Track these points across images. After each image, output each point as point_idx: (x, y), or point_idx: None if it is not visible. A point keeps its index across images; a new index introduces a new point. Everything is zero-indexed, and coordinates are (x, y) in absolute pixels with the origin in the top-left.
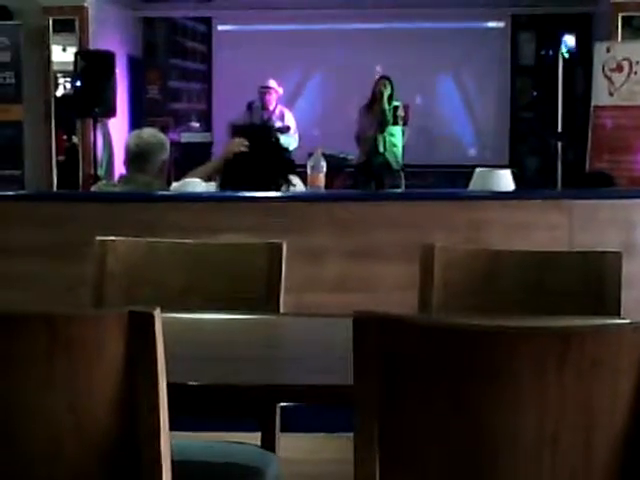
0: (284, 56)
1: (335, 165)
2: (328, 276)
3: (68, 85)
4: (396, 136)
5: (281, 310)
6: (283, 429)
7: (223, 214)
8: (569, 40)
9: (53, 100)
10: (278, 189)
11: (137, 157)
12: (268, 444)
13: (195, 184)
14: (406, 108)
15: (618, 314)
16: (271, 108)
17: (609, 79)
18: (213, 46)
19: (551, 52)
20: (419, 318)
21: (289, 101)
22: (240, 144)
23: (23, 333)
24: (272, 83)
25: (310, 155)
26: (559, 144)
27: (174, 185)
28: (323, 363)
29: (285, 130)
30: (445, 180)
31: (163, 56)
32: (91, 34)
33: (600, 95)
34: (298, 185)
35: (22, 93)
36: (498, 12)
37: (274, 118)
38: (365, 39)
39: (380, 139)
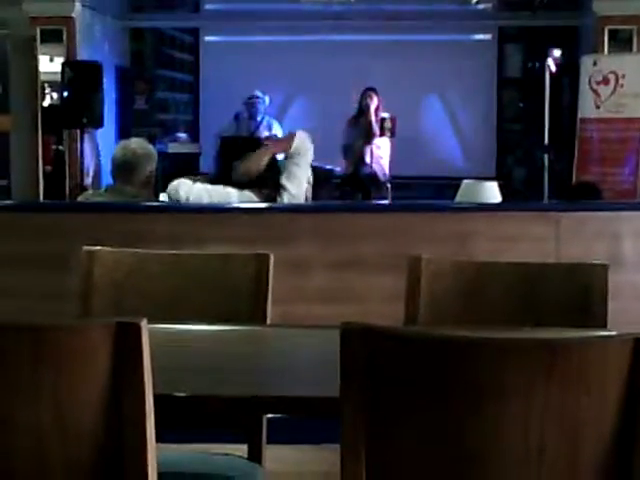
0: (271, 67)
1: (322, 176)
2: (315, 287)
3: (55, 95)
4: (383, 148)
5: (268, 321)
6: (269, 441)
7: (210, 225)
8: (556, 53)
9: (40, 110)
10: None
11: (124, 168)
12: (254, 456)
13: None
14: (393, 119)
15: (605, 326)
16: (258, 118)
17: (595, 92)
18: (200, 57)
19: (538, 64)
20: (406, 330)
21: (275, 112)
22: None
23: (9, 343)
24: (258, 93)
25: None
26: (546, 156)
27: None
28: (310, 374)
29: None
30: (432, 192)
31: (150, 67)
32: (78, 44)
33: (586, 108)
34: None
35: (9, 103)
36: (485, 25)
37: (261, 128)
38: (352, 51)
39: (367, 151)
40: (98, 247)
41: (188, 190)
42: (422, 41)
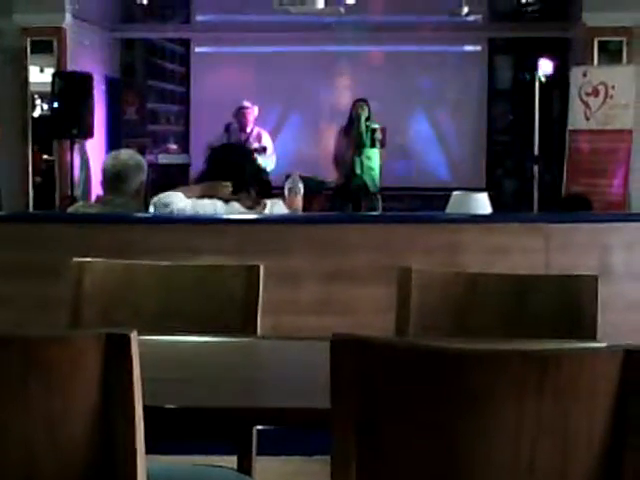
0: (262, 78)
1: (312, 187)
2: (306, 299)
3: (45, 106)
4: (373, 159)
5: (258, 333)
6: (260, 452)
7: (201, 236)
8: (546, 64)
9: (30, 121)
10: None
11: (114, 178)
12: (245, 467)
13: (177, 196)
14: (383, 130)
15: (594, 337)
16: (248, 129)
17: (585, 103)
18: (191, 68)
19: (528, 76)
20: (396, 341)
21: (266, 123)
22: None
23: None
24: (247, 103)
25: (287, 177)
26: (535, 167)
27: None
28: (300, 386)
29: (262, 151)
30: (422, 203)
31: (141, 77)
32: (69, 55)
33: (576, 119)
34: (278, 206)
35: None
36: (475, 36)
37: (251, 139)
38: (343, 62)
39: (357, 161)
40: (88, 258)
41: (177, 202)
42: (413, 52)
